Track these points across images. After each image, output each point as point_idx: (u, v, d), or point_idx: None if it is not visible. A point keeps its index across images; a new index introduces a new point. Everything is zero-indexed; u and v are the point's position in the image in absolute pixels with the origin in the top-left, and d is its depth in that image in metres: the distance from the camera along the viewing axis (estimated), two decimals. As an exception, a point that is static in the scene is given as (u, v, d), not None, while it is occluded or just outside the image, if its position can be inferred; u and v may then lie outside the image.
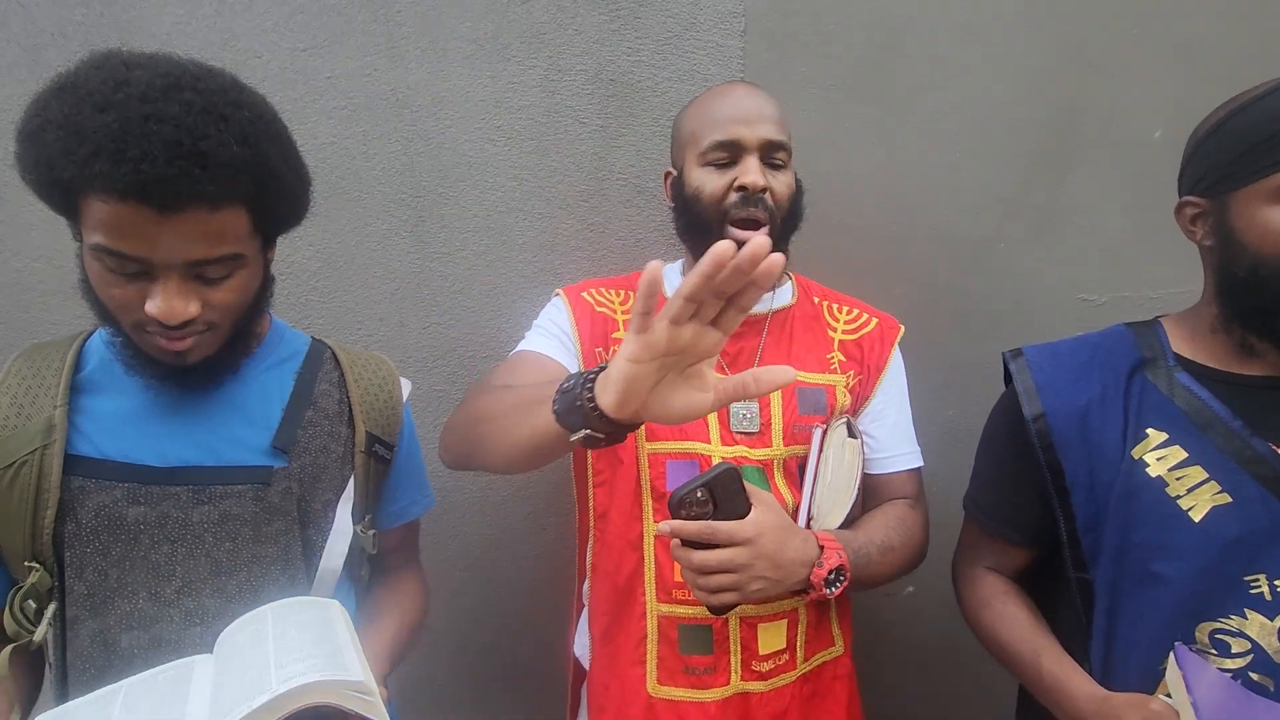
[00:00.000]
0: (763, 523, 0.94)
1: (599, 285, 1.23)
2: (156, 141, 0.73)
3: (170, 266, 0.79)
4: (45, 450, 0.85)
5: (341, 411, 1.01)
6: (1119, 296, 1.49)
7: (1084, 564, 0.98)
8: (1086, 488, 0.97)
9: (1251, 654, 0.88)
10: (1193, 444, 0.92)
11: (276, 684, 0.73)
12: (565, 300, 1.20)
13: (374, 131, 1.40)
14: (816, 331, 1.21)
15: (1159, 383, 0.97)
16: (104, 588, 0.87)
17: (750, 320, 1.15)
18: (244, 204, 0.81)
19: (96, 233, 0.77)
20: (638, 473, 1.13)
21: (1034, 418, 1.00)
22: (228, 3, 1.35)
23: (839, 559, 1.01)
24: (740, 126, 1.09)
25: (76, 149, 0.73)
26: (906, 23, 1.42)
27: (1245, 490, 0.89)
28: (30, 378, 0.89)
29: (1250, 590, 0.88)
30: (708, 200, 1.10)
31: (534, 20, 1.39)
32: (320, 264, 1.43)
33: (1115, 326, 1.05)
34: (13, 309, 1.39)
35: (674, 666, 1.10)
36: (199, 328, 0.84)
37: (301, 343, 1.04)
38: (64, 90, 0.76)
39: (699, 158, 1.12)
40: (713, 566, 0.92)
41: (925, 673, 1.62)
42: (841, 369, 1.18)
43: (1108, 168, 1.46)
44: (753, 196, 1.08)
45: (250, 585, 0.91)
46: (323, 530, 0.97)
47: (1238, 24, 1.42)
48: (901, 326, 1.24)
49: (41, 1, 1.32)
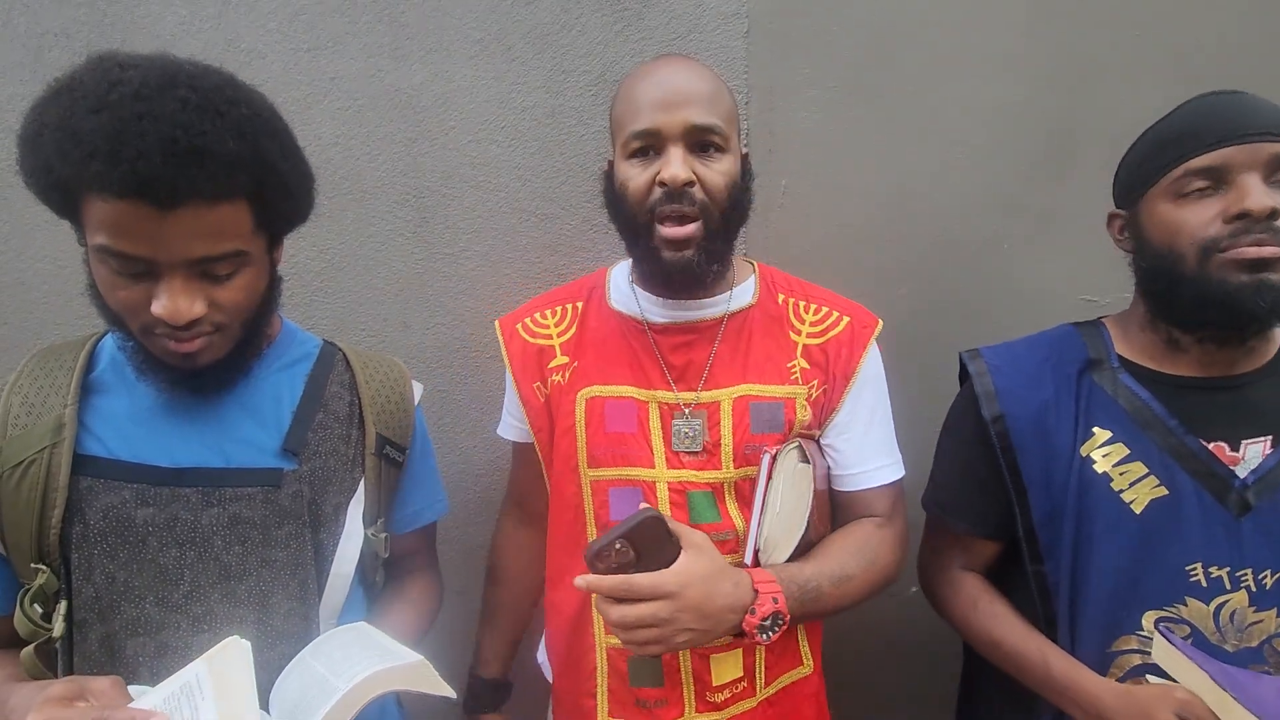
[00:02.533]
0: (688, 573, 0.87)
1: (536, 309, 1.16)
2: (151, 139, 0.72)
3: (174, 265, 0.78)
4: (54, 449, 0.85)
5: (352, 414, 1.01)
6: (1120, 298, 1.49)
7: (1040, 557, 1.03)
8: (1043, 485, 1.03)
9: (1191, 638, 0.95)
10: (1134, 441, 0.99)
11: (343, 685, 0.75)
12: (501, 343, 1.16)
13: (378, 132, 1.40)
14: (777, 336, 1.09)
15: (1104, 384, 1.03)
16: (111, 591, 0.86)
17: (700, 326, 1.08)
18: (244, 199, 0.81)
19: (99, 234, 0.77)
20: (581, 501, 1.07)
21: (993, 419, 1.06)
22: (231, 3, 1.35)
23: (773, 605, 0.93)
24: (659, 113, 0.96)
25: (72, 151, 0.73)
26: (909, 25, 1.42)
27: (1180, 484, 0.96)
28: (42, 377, 0.89)
29: (1189, 578, 0.95)
30: (633, 198, 1.00)
31: (538, 21, 1.39)
32: (323, 264, 1.43)
33: (1063, 326, 1.12)
34: (17, 310, 1.39)
35: (625, 699, 1.05)
36: (207, 329, 0.83)
37: (313, 344, 1.03)
38: (59, 93, 0.76)
39: (623, 149, 1.01)
40: (632, 622, 0.86)
41: (921, 672, 1.62)
42: (804, 379, 1.07)
43: (1108, 169, 1.46)
44: (675, 192, 0.96)
45: (259, 590, 0.90)
46: (334, 534, 0.96)
47: (1236, 28, 1.43)
48: (879, 321, 1.13)
49: (45, 2, 1.32)
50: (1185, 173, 0.94)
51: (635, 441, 1.05)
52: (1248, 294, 0.90)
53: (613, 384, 1.07)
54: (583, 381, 1.08)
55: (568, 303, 1.15)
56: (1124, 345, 1.06)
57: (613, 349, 1.09)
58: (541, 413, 1.12)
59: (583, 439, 1.07)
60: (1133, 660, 0.97)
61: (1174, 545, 0.96)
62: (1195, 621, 0.95)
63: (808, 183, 1.43)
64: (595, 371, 1.08)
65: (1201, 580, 0.95)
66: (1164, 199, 0.97)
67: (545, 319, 1.14)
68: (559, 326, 1.13)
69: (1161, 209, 0.97)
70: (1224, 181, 0.92)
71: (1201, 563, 0.95)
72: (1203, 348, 0.99)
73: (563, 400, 1.09)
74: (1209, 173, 0.93)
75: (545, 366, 1.11)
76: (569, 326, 1.12)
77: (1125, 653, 0.97)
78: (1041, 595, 1.03)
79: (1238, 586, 0.94)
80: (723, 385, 1.06)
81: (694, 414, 1.05)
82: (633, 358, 1.08)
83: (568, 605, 1.09)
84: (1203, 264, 0.93)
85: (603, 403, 1.07)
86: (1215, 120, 0.94)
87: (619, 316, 1.11)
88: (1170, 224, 0.96)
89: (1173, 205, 0.96)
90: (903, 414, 1.24)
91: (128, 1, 1.34)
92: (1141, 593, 0.96)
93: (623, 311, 1.11)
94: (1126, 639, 0.97)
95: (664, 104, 0.97)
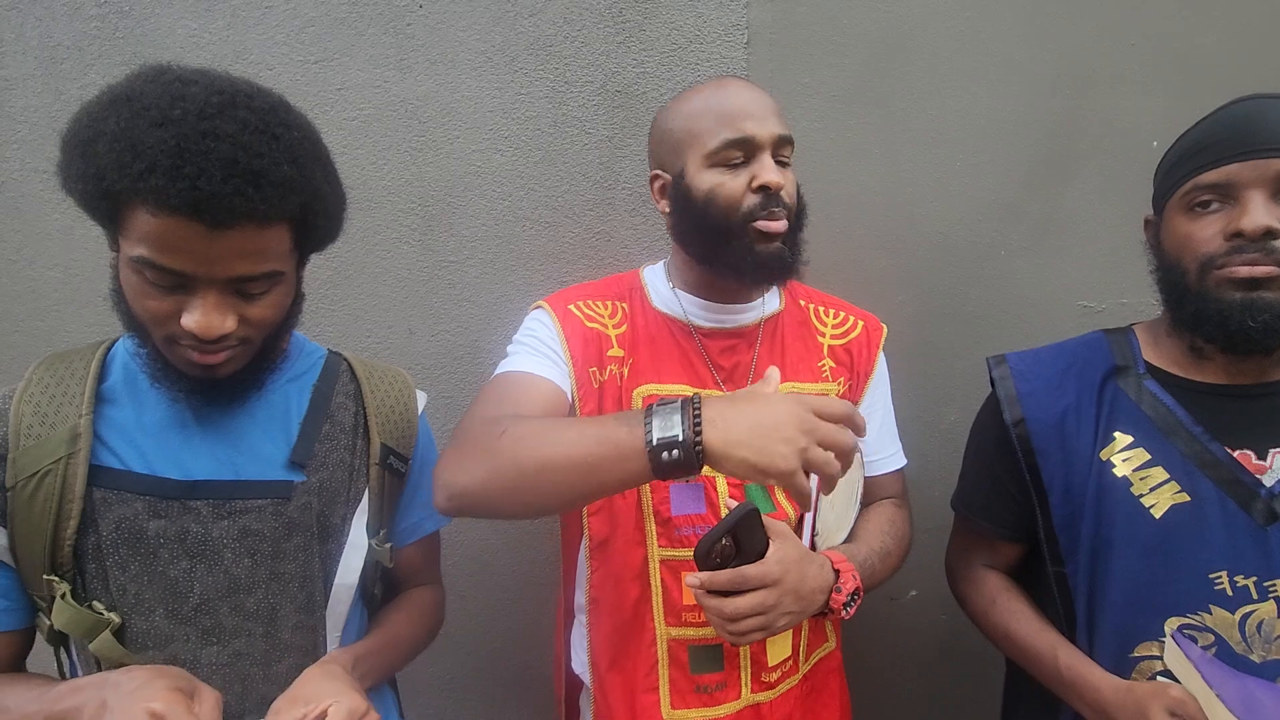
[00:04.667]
0: (785, 559, 0.92)
1: (584, 297, 1.14)
2: (214, 159, 0.73)
3: (211, 282, 0.78)
4: (70, 460, 0.84)
5: (357, 424, 1.00)
6: (1118, 303, 1.51)
7: (1060, 559, 1.04)
8: (1062, 489, 1.03)
9: (1215, 647, 0.93)
10: (1156, 447, 0.99)
11: None
12: (552, 314, 1.11)
13: (383, 142, 1.42)
14: (806, 338, 1.18)
15: (1129, 390, 1.03)
16: (123, 604, 0.85)
17: (743, 331, 1.14)
18: (289, 223, 0.81)
19: (140, 245, 0.76)
20: (639, 498, 1.08)
21: (1014, 423, 1.06)
22: (240, 16, 1.37)
23: (855, 581, 1.01)
24: (751, 122, 1.02)
25: (132, 163, 0.72)
26: (908, 33, 1.44)
27: (1202, 490, 0.96)
28: (53, 386, 0.88)
29: (1214, 586, 0.94)
30: (725, 204, 1.03)
31: (541, 32, 1.41)
32: (330, 272, 1.45)
33: (1093, 333, 1.11)
34: (29, 317, 1.41)
35: (686, 688, 1.08)
36: (232, 342, 0.83)
37: (318, 355, 1.03)
38: (118, 103, 0.75)
39: (707, 158, 1.04)
40: (745, 612, 0.90)
41: (924, 673, 1.63)
42: (833, 376, 1.16)
43: (1107, 176, 1.48)
44: (774, 195, 1.03)
45: (268, 603, 0.90)
46: (340, 545, 0.95)
47: (1235, 35, 1.44)
48: (885, 327, 1.23)
49: (58, 15, 1.35)
50: (1195, 187, 0.95)
51: None
52: (1237, 311, 0.91)
53: (669, 382, 1.10)
54: (639, 379, 1.09)
55: (614, 299, 1.15)
56: (1153, 352, 1.05)
57: (664, 349, 1.11)
58: (592, 398, 1.08)
59: None
60: (1155, 666, 0.96)
61: (1196, 552, 0.94)
62: (1220, 630, 0.93)
63: (808, 191, 1.43)
64: (650, 370, 1.10)
65: (1226, 589, 0.93)
66: (1178, 210, 0.98)
67: (597, 308, 1.13)
68: (613, 320, 1.12)
69: (1175, 220, 0.98)
70: (1231, 197, 0.92)
71: (1226, 571, 0.93)
72: (1227, 356, 0.98)
73: (619, 394, 1.09)
74: (1216, 188, 0.93)
75: (604, 354, 1.10)
76: (622, 321, 1.13)
77: (1147, 659, 0.97)
78: (1063, 596, 1.04)
79: (1266, 597, 0.92)
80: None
81: None
82: (684, 358, 1.11)
83: (624, 603, 1.09)
84: (1201, 280, 0.94)
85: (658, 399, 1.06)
86: (1227, 134, 0.93)
87: (665, 318, 1.13)
88: (1179, 236, 0.97)
89: (1184, 218, 0.96)
90: (904, 417, 1.26)
91: (139, 15, 1.36)
92: (1162, 599, 0.96)
93: (668, 314, 1.13)
94: (1148, 645, 0.96)
95: (754, 115, 1.03)
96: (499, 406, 0.97)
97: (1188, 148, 0.97)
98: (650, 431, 0.78)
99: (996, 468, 1.10)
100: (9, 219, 1.38)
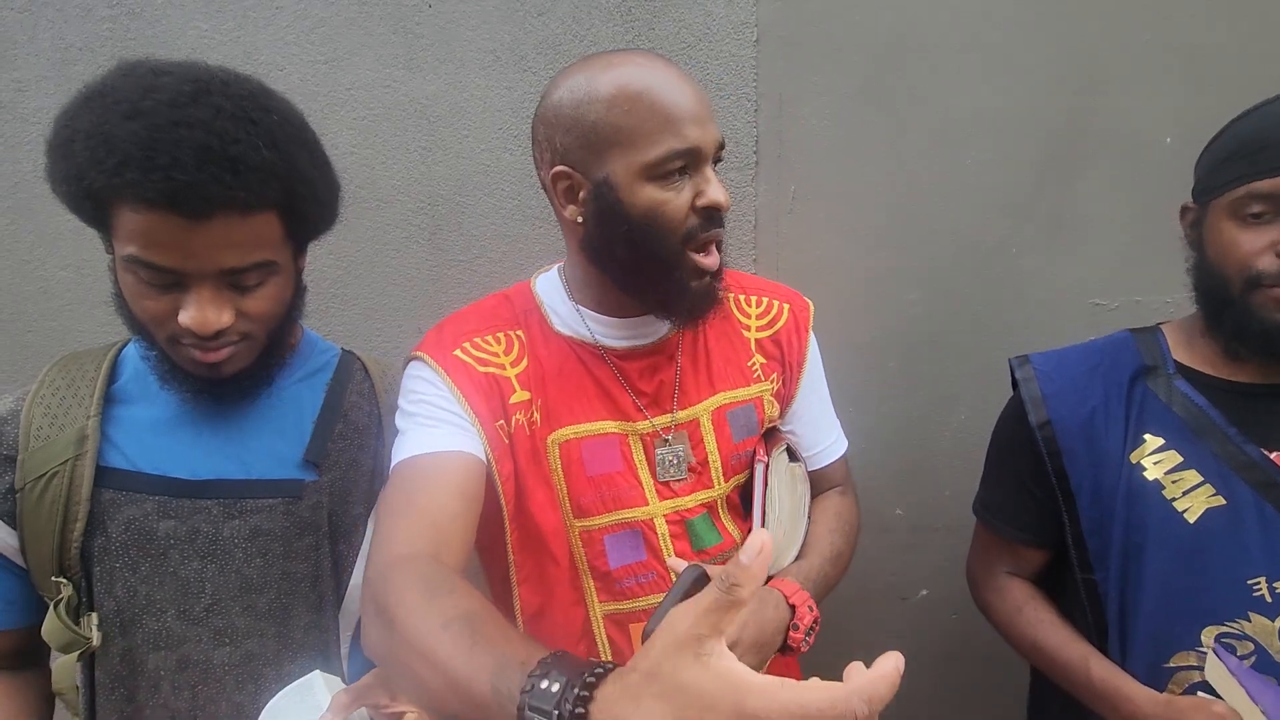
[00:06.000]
0: (741, 617, 0.85)
1: (469, 335, 0.97)
2: (186, 148, 0.71)
3: (203, 276, 0.77)
4: (77, 461, 0.84)
5: (371, 424, 0.99)
6: (1130, 301, 1.50)
7: (1090, 566, 1.00)
8: (1091, 492, 1.00)
9: (1255, 655, 0.90)
10: (1188, 449, 0.96)
11: None
12: (436, 369, 0.92)
13: (393, 141, 1.42)
14: (730, 336, 1.05)
15: (1158, 390, 1.00)
16: (133, 605, 0.85)
17: (661, 345, 1.00)
18: (275, 210, 0.80)
19: (129, 244, 0.76)
20: (571, 555, 0.97)
21: (1040, 425, 1.03)
22: (250, 17, 1.37)
23: (810, 613, 0.95)
24: (696, 128, 0.85)
25: (105, 158, 0.72)
26: (918, 31, 1.43)
27: (1238, 494, 0.92)
28: (64, 388, 0.88)
29: (1253, 593, 0.90)
30: (669, 226, 0.87)
31: (550, 31, 1.41)
32: (340, 271, 1.45)
33: (1120, 333, 1.08)
34: (41, 318, 1.42)
35: None
36: (233, 338, 0.82)
37: (332, 353, 1.02)
38: (91, 99, 0.75)
39: (643, 168, 0.85)
40: None
41: (934, 673, 1.62)
42: (764, 374, 1.05)
43: (1118, 173, 1.47)
44: (717, 215, 0.89)
45: (280, 603, 0.90)
46: (354, 545, 0.94)
47: (1247, 30, 1.43)
48: (810, 303, 1.12)
49: (70, 16, 1.35)
50: (1247, 195, 0.89)
51: (624, 479, 0.97)
52: None
53: (587, 421, 0.96)
54: (554, 423, 0.95)
55: (507, 329, 0.98)
56: (1184, 351, 1.02)
57: (575, 382, 0.97)
58: (506, 458, 0.94)
59: (564, 489, 0.95)
60: (1192, 677, 0.93)
61: (1233, 558, 0.91)
62: (1259, 638, 0.90)
63: (816, 189, 1.44)
64: (564, 410, 0.96)
65: (1265, 595, 0.90)
66: (1226, 214, 0.92)
67: (488, 345, 0.96)
68: (509, 356, 0.96)
69: (1222, 224, 0.93)
70: None
71: (1266, 577, 0.90)
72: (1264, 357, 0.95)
73: (531, 446, 0.95)
74: (1270, 199, 0.88)
75: (507, 402, 0.94)
76: (520, 357, 0.97)
77: (1184, 669, 0.93)
78: (1092, 604, 1.01)
79: None
80: (696, 401, 1.01)
81: (676, 438, 0.99)
82: (599, 389, 0.98)
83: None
84: (1245, 294, 0.91)
85: (579, 444, 0.96)
86: None
87: (570, 343, 0.99)
88: (1225, 243, 0.92)
89: (1232, 224, 0.91)
90: (913, 416, 1.25)
91: (150, 16, 1.37)
92: (1199, 607, 0.92)
93: (572, 337, 0.99)
94: (1185, 655, 0.93)
95: (699, 117, 0.86)
96: (403, 522, 0.80)
97: (1244, 143, 0.90)
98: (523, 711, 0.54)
99: (1021, 471, 1.07)
100: (22, 219, 1.39)
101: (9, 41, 1.36)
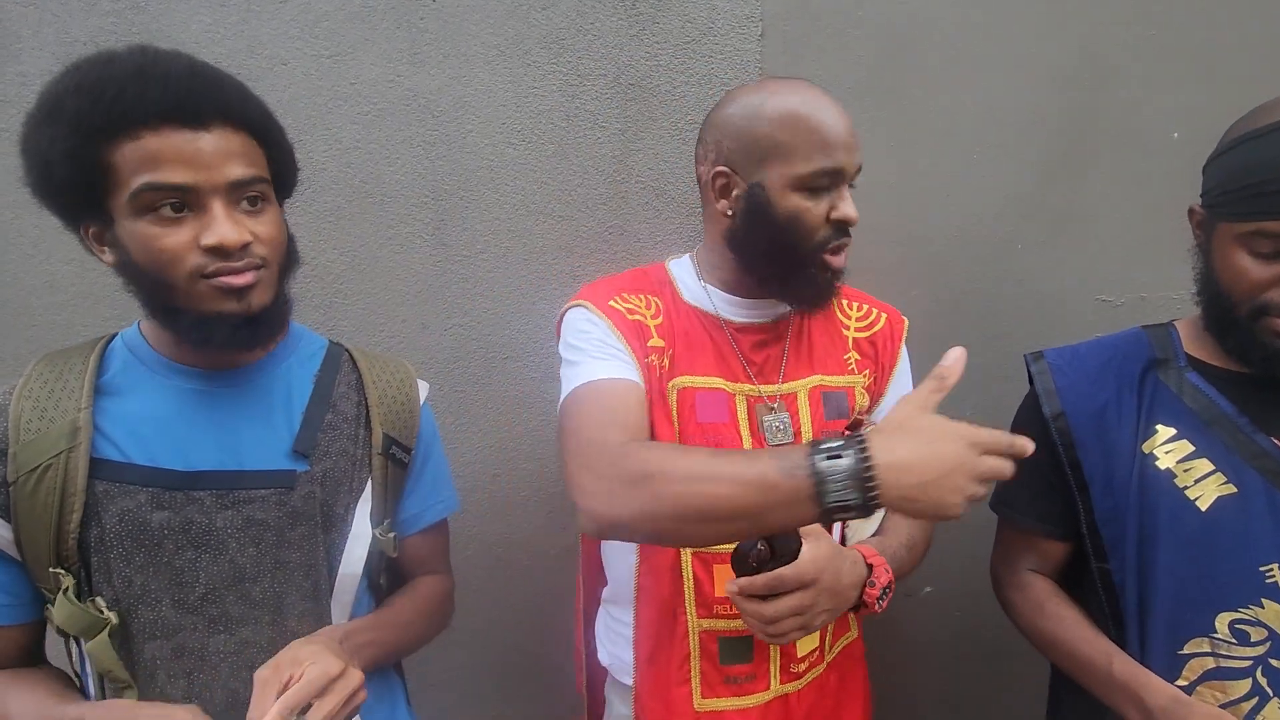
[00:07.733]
0: (819, 559, 0.92)
1: (618, 291, 1.13)
2: (174, 67, 0.80)
3: (215, 189, 0.81)
4: (70, 453, 0.84)
5: (359, 414, 1.01)
6: (1137, 297, 1.49)
7: (1104, 555, 1.02)
8: (1104, 483, 1.02)
9: (1269, 641, 0.92)
10: (1199, 439, 0.98)
11: None
12: (596, 311, 1.09)
13: (397, 135, 1.42)
14: (832, 331, 1.19)
15: (1169, 382, 1.02)
16: (128, 595, 0.86)
17: (773, 325, 1.15)
18: (256, 137, 0.86)
19: (138, 175, 0.78)
20: None
21: (1054, 417, 1.06)
22: (254, 10, 1.37)
23: (888, 575, 1.02)
24: (844, 153, 1.00)
25: (102, 94, 0.77)
26: (923, 26, 1.43)
27: (1249, 482, 0.94)
28: (53, 381, 0.88)
29: (1266, 579, 0.92)
30: (806, 231, 1.02)
31: (554, 25, 1.41)
32: (344, 266, 1.45)
33: (1132, 329, 1.10)
34: (45, 311, 1.42)
35: (715, 679, 1.09)
36: (256, 261, 0.84)
37: (318, 345, 1.04)
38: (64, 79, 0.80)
39: (795, 179, 1.00)
40: (783, 614, 0.91)
41: (941, 671, 1.62)
42: (858, 368, 1.17)
43: (1125, 169, 1.46)
44: (846, 228, 1.04)
45: (274, 591, 0.91)
46: (344, 534, 0.96)
47: (1255, 27, 1.42)
48: (906, 320, 1.23)
49: (74, 10, 1.35)
50: (1257, 231, 0.90)
51: (727, 431, 1.09)
52: None
53: (703, 375, 1.10)
54: (676, 370, 1.10)
55: (646, 293, 1.14)
56: (1194, 345, 1.04)
57: (698, 342, 1.12)
58: (653, 390, 1.08)
59: (678, 430, 1.08)
60: (1206, 664, 0.94)
61: (1245, 545, 0.93)
62: (1273, 624, 0.92)
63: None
64: (685, 363, 1.10)
65: (1279, 580, 0.92)
66: (1235, 241, 0.93)
67: (633, 301, 1.12)
68: (648, 311, 1.12)
69: (1231, 249, 0.93)
70: None
71: (1278, 563, 0.92)
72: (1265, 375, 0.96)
73: (660, 387, 1.09)
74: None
75: (646, 344, 1.09)
76: (657, 313, 1.12)
77: (1198, 655, 0.95)
78: (1108, 594, 1.02)
79: None
80: (798, 378, 1.13)
81: (779, 407, 1.11)
82: (717, 352, 1.12)
83: (657, 597, 1.11)
84: (1252, 320, 0.92)
85: (694, 393, 1.09)
86: None
87: (697, 312, 1.14)
88: (1235, 270, 0.92)
89: (1242, 252, 0.92)
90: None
91: (154, 10, 1.36)
92: (1212, 593, 0.94)
93: (699, 308, 1.14)
94: (1198, 641, 0.95)
95: (848, 144, 1.00)
96: (609, 426, 0.95)
97: (1251, 177, 0.89)
98: (819, 480, 0.77)
99: (1037, 463, 1.06)
100: (26, 213, 1.39)
101: (13, 35, 1.36)
